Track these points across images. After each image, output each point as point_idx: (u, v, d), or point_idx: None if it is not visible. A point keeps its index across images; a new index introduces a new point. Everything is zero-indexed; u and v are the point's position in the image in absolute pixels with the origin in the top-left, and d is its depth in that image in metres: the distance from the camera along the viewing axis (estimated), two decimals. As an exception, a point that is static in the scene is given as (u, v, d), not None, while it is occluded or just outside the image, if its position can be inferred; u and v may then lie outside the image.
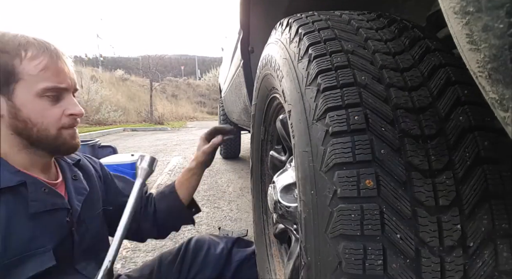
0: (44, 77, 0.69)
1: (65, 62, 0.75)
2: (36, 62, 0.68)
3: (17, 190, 0.68)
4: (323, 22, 0.60)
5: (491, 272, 0.39)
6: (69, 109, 0.73)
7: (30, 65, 0.68)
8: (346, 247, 0.42)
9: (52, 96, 0.70)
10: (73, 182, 0.84)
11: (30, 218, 0.68)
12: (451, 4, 0.25)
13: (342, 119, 0.45)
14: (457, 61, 0.49)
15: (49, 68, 0.69)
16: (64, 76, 0.72)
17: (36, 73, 0.68)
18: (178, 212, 1.11)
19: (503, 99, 0.24)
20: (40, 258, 0.68)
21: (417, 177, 0.41)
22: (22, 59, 0.67)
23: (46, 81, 0.69)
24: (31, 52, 0.68)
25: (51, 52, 0.71)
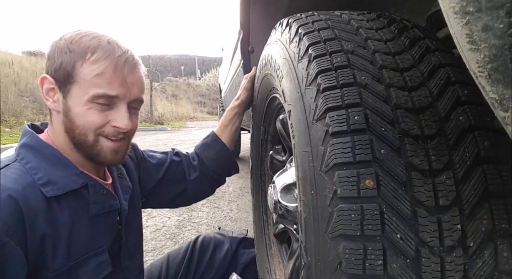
0: (96, 84, 0.66)
1: (131, 71, 0.71)
2: (95, 66, 0.66)
3: (79, 192, 0.68)
4: (323, 22, 0.60)
5: (491, 272, 0.39)
6: (115, 121, 0.70)
7: (88, 69, 0.66)
8: (346, 247, 0.42)
9: (102, 103, 0.68)
10: (119, 181, 0.84)
11: (90, 220, 0.69)
12: (451, 4, 0.25)
13: (342, 119, 0.45)
14: (457, 61, 0.49)
15: (104, 75, 0.67)
16: (119, 85, 0.68)
17: (90, 78, 0.66)
18: (227, 159, 1.10)
19: (503, 99, 0.24)
20: (98, 259, 0.69)
21: (417, 177, 0.41)
22: (84, 62, 0.66)
23: (98, 88, 0.66)
24: (95, 56, 0.67)
25: (115, 58, 0.68)
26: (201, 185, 1.06)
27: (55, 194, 0.64)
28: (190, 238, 1.84)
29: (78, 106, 0.67)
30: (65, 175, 0.67)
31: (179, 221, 2.12)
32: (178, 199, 1.06)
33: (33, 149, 0.68)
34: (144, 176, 0.98)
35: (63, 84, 0.67)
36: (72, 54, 0.66)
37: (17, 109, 9.33)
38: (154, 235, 1.90)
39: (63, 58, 0.67)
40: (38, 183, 0.63)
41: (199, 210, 2.34)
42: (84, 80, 0.66)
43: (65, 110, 0.68)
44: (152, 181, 0.99)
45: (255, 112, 1.10)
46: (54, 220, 0.63)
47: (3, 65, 11.01)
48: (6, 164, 0.67)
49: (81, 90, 0.66)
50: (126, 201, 0.82)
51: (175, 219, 2.15)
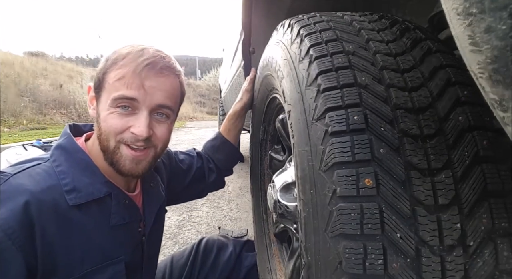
0: (116, 87, 0.66)
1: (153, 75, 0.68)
2: (118, 71, 0.66)
3: (102, 201, 0.68)
4: (325, 23, 0.60)
5: (492, 271, 0.39)
6: (134, 127, 0.67)
7: (113, 73, 0.66)
8: (346, 247, 0.42)
9: (124, 107, 0.66)
10: (150, 191, 0.83)
11: (110, 229, 0.68)
12: (454, 5, 0.25)
13: (342, 119, 0.46)
14: (458, 62, 0.49)
15: (124, 78, 0.66)
16: (137, 87, 0.66)
17: (112, 82, 0.66)
18: (235, 157, 1.18)
19: (503, 99, 0.24)
20: (115, 269, 0.69)
21: (416, 176, 0.42)
22: (112, 69, 0.67)
23: (117, 90, 0.66)
24: (123, 62, 0.67)
25: (139, 63, 0.66)
26: (217, 184, 1.14)
27: (77, 203, 0.63)
28: (190, 237, 1.84)
29: (104, 111, 0.67)
30: (91, 182, 0.66)
31: (179, 221, 2.12)
32: (193, 197, 1.13)
33: (66, 152, 0.68)
34: (173, 183, 0.99)
35: (97, 92, 0.69)
36: (107, 62, 0.68)
37: (17, 109, 9.32)
38: (153, 235, 1.90)
39: (100, 66, 0.69)
40: (64, 189, 0.63)
41: (199, 210, 2.34)
42: (108, 84, 0.67)
43: (96, 116, 0.70)
44: (179, 187, 1.02)
45: (255, 112, 1.10)
46: (71, 227, 0.62)
47: (3, 65, 11.00)
48: (37, 163, 0.66)
49: (106, 95, 0.67)
50: (154, 213, 0.82)
51: (175, 219, 2.15)
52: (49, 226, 0.59)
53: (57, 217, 0.60)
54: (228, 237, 1.22)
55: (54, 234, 0.59)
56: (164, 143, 0.75)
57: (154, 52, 0.70)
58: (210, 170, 1.10)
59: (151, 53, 0.69)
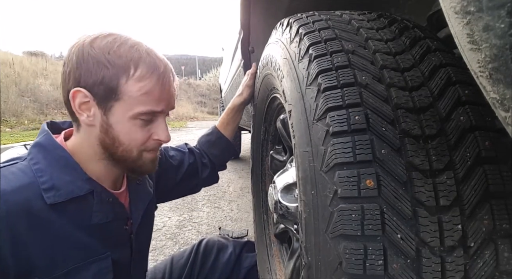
0: (143, 101, 0.65)
1: (170, 84, 0.70)
2: (141, 84, 0.64)
3: (83, 199, 0.66)
4: (324, 22, 0.60)
5: (492, 272, 0.39)
6: (157, 134, 0.70)
7: (135, 86, 0.64)
8: (346, 247, 0.42)
9: (145, 119, 0.67)
10: (136, 188, 0.82)
11: (93, 227, 0.67)
12: (452, 4, 0.25)
13: (343, 119, 0.45)
14: (458, 61, 0.49)
15: (152, 93, 0.65)
16: (165, 100, 0.68)
17: (137, 96, 0.64)
18: (230, 152, 1.17)
19: (504, 99, 0.24)
20: (100, 265, 0.68)
21: (418, 177, 0.41)
22: (129, 78, 0.63)
23: (144, 105, 0.65)
24: (140, 72, 0.64)
25: (160, 74, 0.67)
26: (211, 179, 1.12)
27: (56, 201, 0.61)
28: (191, 238, 1.84)
29: (121, 123, 0.65)
30: (71, 180, 0.65)
31: (180, 221, 2.12)
32: (186, 193, 1.12)
33: (44, 150, 0.66)
34: (163, 179, 0.98)
35: (104, 100, 0.64)
36: (114, 68, 0.63)
37: (18, 109, 9.34)
38: (154, 235, 1.90)
39: (104, 72, 0.62)
40: (41, 187, 0.61)
41: (200, 210, 2.34)
42: (130, 97, 0.64)
43: (104, 127, 0.66)
44: (171, 183, 1.01)
45: (256, 112, 1.10)
46: (48, 226, 0.60)
47: (3, 65, 11.02)
48: (13, 162, 0.65)
49: (125, 107, 0.64)
50: (141, 210, 0.81)
51: (175, 219, 2.15)
52: (20, 226, 0.57)
53: (30, 217, 0.58)
54: (228, 238, 1.22)
55: (28, 234, 0.58)
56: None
57: (156, 53, 0.69)
58: (203, 166, 1.09)
59: (158, 57, 0.69)
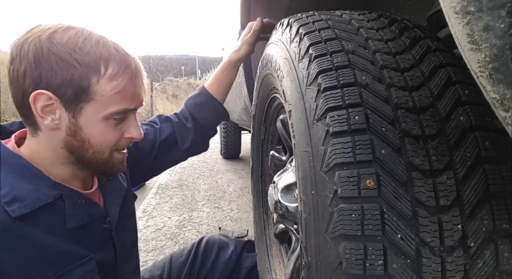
0: (117, 100, 0.62)
1: (142, 80, 0.68)
2: (115, 83, 0.61)
3: (53, 205, 0.61)
4: (324, 22, 0.60)
5: (492, 272, 0.39)
6: (130, 132, 0.67)
7: (108, 85, 0.60)
8: (346, 247, 0.42)
9: (118, 119, 0.64)
10: (109, 184, 0.78)
11: (69, 232, 0.63)
12: (452, 4, 0.25)
13: (343, 119, 0.45)
14: (458, 61, 0.49)
15: (126, 91, 0.63)
16: (138, 97, 0.66)
17: (111, 95, 0.61)
18: (221, 115, 1.09)
19: (504, 99, 0.24)
20: (84, 269, 0.64)
21: (418, 177, 0.41)
22: (100, 77, 0.59)
23: (118, 104, 0.62)
24: (111, 69, 0.60)
25: (132, 71, 0.64)
26: (196, 148, 1.05)
27: (22, 212, 0.56)
28: (191, 238, 1.84)
29: (93, 124, 0.61)
30: (35, 188, 0.59)
31: (180, 221, 2.12)
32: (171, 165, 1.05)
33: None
34: (137, 165, 0.92)
35: (73, 102, 0.59)
36: (83, 67, 0.58)
37: (18, 109, 9.33)
38: (154, 235, 1.90)
39: (71, 72, 0.57)
40: (2, 201, 0.55)
41: (200, 210, 2.34)
42: (103, 97, 0.60)
43: (72, 129, 0.61)
44: (145, 166, 0.96)
45: (256, 112, 1.10)
46: (17, 240, 0.56)
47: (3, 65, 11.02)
48: None
49: (98, 108, 0.61)
50: (118, 206, 0.77)
51: (175, 219, 2.15)
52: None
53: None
54: (229, 237, 1.20)
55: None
56: None
57: (124, 48, 0.65)
58: (186, 132, 1.00)
59: (128, 52, 0.65)
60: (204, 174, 3.48)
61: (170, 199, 2.62)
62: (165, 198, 2.64)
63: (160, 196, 2.71)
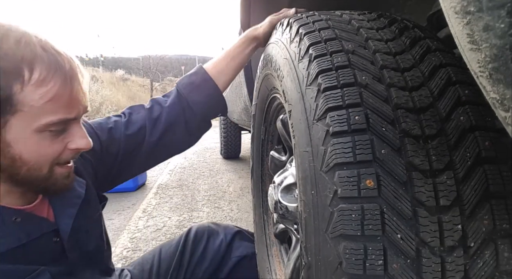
0: (50, 110, 0.53)
1: (80, 83, 0.58)
2: (43, 89, 0.52)
3: None
4: (324, 22, 0.60)
5: (492, 272, 0.39)
6: (74, 143, 0.58)
7: (35, 93, 0.51)
8: (346, 247, 0.42)
9: (56, 129, 0.55)
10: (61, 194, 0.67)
11: (7, 254, 0.55)
12: (452, 4, 0.25)
13: (343, 119, 0.45)
14: (458, 61, 0.49)
15: (59, 98, 0.53)
16: (77, 104, 0.57)
17: (41, 104, 0.52)
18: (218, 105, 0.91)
19: (504, 99, 0.24)
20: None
21: (418, 177, 0.41)
22: (25, 84, 0.50)
23: (53, 115, 0.53)
24: (38, 74, 0.51)
25: (65, 72, 0.54)
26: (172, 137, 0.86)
27: None
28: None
29: (24, 139, 0.53)
30: None
31: (180, 221, 2.12)
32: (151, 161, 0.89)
33: None
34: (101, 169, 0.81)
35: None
36: (2, 74, 0.49)
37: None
38: (154, 235, 1.90)
39: None
40: None
41: (200, 210, 2.34)
42: (31, 107, 0.51)
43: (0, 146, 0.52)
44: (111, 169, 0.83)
45: (256, 112, 1.10)
46: None
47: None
48: None
49: (26, 120, 0.52)
50: (71, 217, 0.67)
51: (175, 219, 2.15)
52: None
53: None
54: (219, 224, 1.10)
55: None
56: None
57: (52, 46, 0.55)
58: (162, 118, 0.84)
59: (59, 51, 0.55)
60: (204, 174, 3.48)
61: (170, 199, 2.62)
62: (165, 198, 2.64)
63: (160, 196, 2.71)
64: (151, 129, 0.83)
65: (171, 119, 0.85)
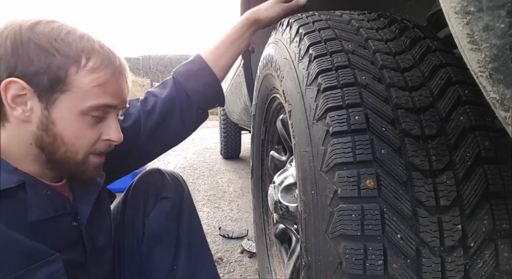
0: (96, 94, 0.58)
1: (126, 78, 0.65)
2: (94, 76, 0.58)
3: (12, 193, 0.55)
4: (324, 22, 0.60)
5: (492, 272, 0.39)
6: (108, 134, 0.62)
7: (87, 77, 0.57)
8: (346, 247, 0.42)
9: (96, 116, 0.60)
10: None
11: (31, 226, 0.56)
12: (452, 4, 0.25)
13: (343, 119, 0.45)
14: (458, 61, 0.49)
15: (107, 85, 0.59)
16: (120, 95, 0.63)
17: (89, 88, 0.57)
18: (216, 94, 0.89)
19: (504, 99, 0.24)
20: (49, 269, 0.57)
21: (418, 177, 0.41)
22: (80, 68, 0.57)
23: (97, 99, 0.58)
24: (93, 62, 0.58)
25: (115, 67, 0.61)
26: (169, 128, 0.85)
27: None
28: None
29: (67, 119, 0.57)
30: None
31: (180, 221, 2.11)
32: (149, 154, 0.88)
33: None
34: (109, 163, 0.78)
35: (47, 92, 0.56)
36: (62, 57, 0.56)
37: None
38: (154, 235, 1.90)
39: (49, 60, 0.55)
40: None
41: (200, 210, 2.34)
42: (81, 89, 0.57)
43: (44, 123, 0.56)
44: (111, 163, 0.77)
45: (256, 112, 1.10)
46: None
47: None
48: None
49: (74, 100, 0.57)
50: (90, 204, 0.70)
51: (175, 219, 2.15)
52: None
53: None
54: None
55: None
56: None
57: (111, 49, 0.63)
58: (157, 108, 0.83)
59: (114, 52, 0.63)
60: (204, 174, 3.48)
61: (170, 199, 2.61)
62: (165, 198, 2.63)
63: (160, 196, 2.70)
64: (146, 120, 0.82)
65: (165, 109, 0.84)
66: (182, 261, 0.80)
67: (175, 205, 0.84)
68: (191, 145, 6.05)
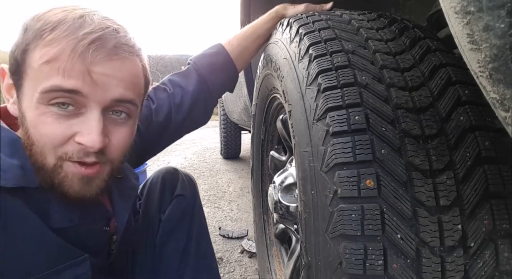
0: (45, 73, 0.45)
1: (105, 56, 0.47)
2: (46, 50, 0.45)
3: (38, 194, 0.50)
4: (324, 22, 0.60)
5: (492, 272, 0.39)
6: (80, 134, 0.47)
7: (38, 53, 0.45)
8: (346, 247, 0.42)
9: (61, 104, 0.46)
10: (118, 183, 0.64)
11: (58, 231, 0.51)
12: (452, 4, 0.25)
13: (343, 119, 0.45)
14: (458, 61, 0.49)
15: (57, 60, 0.44)
16: (81, 74, 0.46)
17: (38, 65, 0.45)
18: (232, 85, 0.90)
19: (504, 99, 0.24)
20: (75, 272, 0.53)
21: (418, 177, 0.41)
22: (38, 44, 0.45)
23: (46, 79, 0.45)
24: (52, 35, 0.45)
25: (78, 36, 0.45)
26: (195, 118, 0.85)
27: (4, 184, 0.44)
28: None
29: (30, 110, 0.47)
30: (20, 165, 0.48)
31: (180, 221, 2.11)
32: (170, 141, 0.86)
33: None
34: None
35: (16, 79, 0.48)
36: (26, 33, 0.46)
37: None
38: (154, 235, 1.90)
39: (17, 40, 0.47)
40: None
41: (200, 210, 2.34)
42: (33, 69, 0.45)
43: (20, 117, 0.48)
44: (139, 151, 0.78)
45: (256, 112, 1.10)
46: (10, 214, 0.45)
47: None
48: None
49: (31, 85, 0.46)
50: (128, 210, 0.65)
51: (175, 219, 2.15)
52: None
53: None
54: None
55: None
56: (124, 153, 0.55)
57: (101, 21, 0.48)
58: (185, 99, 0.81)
59: (96, 23, 0.47)
60: (204, 174, 3.48)
61: (170, 199, 2.61)
62: (165, 198, 2.63)
63: (160, 196, 2.70)
64: (176, 114, 0.81)
65: (193, 105, 0.83)
66: (191, 258, 0.80)
67: (189, 202, 0.84)
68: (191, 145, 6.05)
